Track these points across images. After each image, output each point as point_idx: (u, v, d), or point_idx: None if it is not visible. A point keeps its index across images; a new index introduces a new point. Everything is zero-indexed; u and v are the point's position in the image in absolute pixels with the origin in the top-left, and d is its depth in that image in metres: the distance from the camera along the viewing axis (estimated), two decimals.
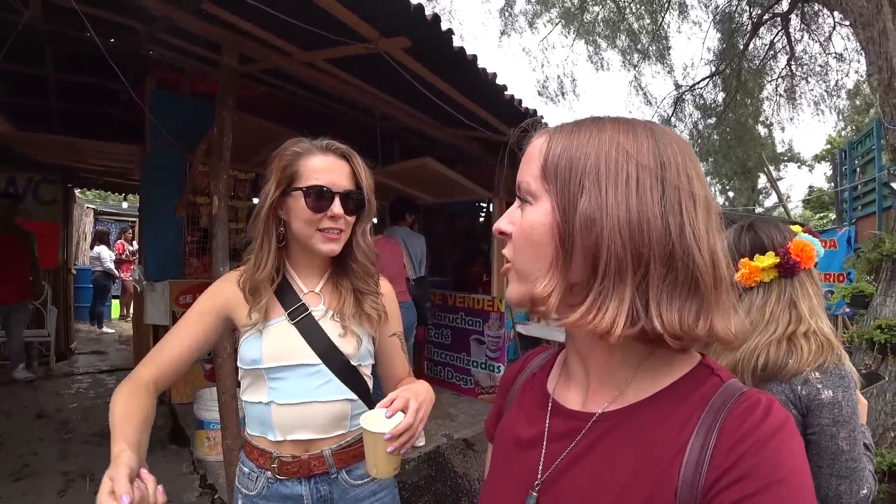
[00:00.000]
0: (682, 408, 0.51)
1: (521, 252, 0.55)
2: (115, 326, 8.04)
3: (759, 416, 0.46)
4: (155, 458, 3.22)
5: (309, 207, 1.05)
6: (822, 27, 7.39)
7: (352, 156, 1.11)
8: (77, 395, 4.50)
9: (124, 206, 10.42)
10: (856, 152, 6.07)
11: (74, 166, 5.77)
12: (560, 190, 0.50)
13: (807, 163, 18.26)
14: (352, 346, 1.11)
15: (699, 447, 0.47)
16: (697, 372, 0.54)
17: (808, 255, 1.15)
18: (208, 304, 1.11)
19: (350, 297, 1.14)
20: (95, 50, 2.57)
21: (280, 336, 1.08)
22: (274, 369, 1.07)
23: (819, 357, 1.07)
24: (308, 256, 1.13)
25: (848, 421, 1.03)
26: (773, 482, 0.43)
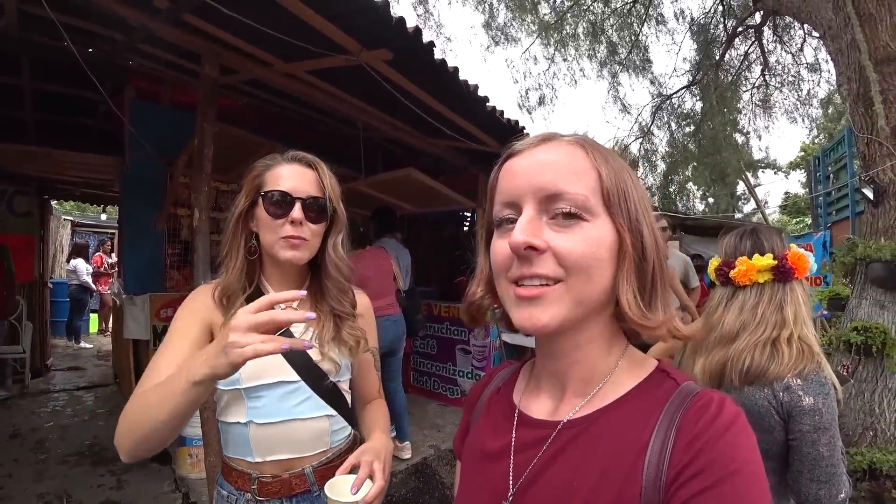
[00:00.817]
0: (642, 410, 0.54)
1: (588, 274, 0.52)
2: (94, 341, 7.84)
3: (712, 414, 0.50)
4: (134, 478, 3.14)
5: (268, 213, 1.04)
6: (793, 39, 7.63)
7: (318, 164, 1.09)
8: (53, 414, 4.37)
9: (103, 218, 10.21)
10: (829, 159, 6.25)
11: (51, 178, 5.64)
12: (625, 215, 0.54)
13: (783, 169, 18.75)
14: (330, 366, 1.09)
15: (659, 446, 0.50)
16: (654, 376, 0.58)
17: (804, 266, 1.19)
18: (190, 318, 1.07)
19: (329, 322, 1.11)
20: (73, 59, 2.53)
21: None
22: (253, 388, 1.05)
23: (799, 363, 1.09)
24: (282, 271, 1.11)
25: (828, 427, 1.05)
26: (728, 474, 0.46)
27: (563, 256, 0.52)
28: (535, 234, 0.52)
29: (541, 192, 0.53)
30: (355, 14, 2.03)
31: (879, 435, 3.30)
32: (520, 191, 0.55)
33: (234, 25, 2.24)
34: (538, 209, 0.54)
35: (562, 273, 0.52)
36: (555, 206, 0.53)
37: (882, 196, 3.79)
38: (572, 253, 0.52)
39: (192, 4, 2.16)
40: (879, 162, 3.82)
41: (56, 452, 3.50)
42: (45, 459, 3.39)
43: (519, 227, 0.52)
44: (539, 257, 0.52)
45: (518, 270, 0.53)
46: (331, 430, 1.11)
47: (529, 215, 0.53)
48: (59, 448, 3.58)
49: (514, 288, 0.54)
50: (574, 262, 0.52)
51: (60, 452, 3.50)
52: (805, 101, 8.19)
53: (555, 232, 0.53)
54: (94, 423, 4.13)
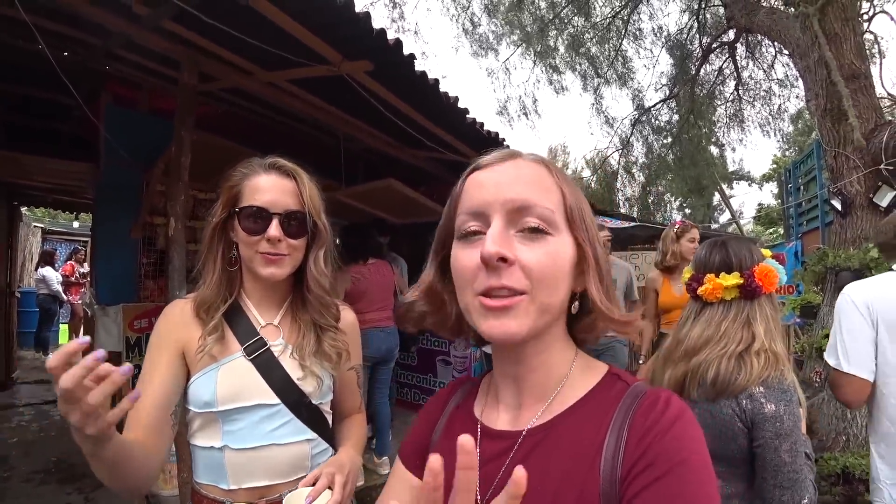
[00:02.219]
0: (597, 412, 0.57)
1: (550, 286, 0.55)
2: None
3: (660, 410, 0.53)
4: (103, 495, 3.03)
5: (244, 230, 1.00)
6: (765, 56, 7.91)
7: (298, 174, 1.05)
8: (18, 429, 4.21)
9: (75, 226, 9.94)
10: (799, 171, 6.46)
11: (20, 183, 5.47)
12: (582, 230, 0.58)
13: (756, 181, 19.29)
14: (312, 385, 1.05)
15: (614, 444, 0.53)
16: (606, 379, 0.61)
17: (771, 281, 1.20)
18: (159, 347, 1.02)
19: (310, 333, 1.07)
20: (47, 63, 2.47)
21: (236, 375, 1.00)
22: (229, 412, 0.99)
23: (763, 372, 1.11)
24: (262, 285, 1.07)
25: (789, 434, 1.07)
26: (675, 464, 0.49)
27: (529, 269, 0.54)
28: (506, 246, 0.53)
29: (510, 205, 0.55)
30: (336, 25, 2.03)
31: (852, 440, 3.38)
32: (488, 202, 0.56)
33: (214, 33, 2.22)
34: (506, 221, 0.55)
35: (528, 285, 0.54)
36: (523, 219, 0.55)
37: (849, 207, 3.93)
38: (538, 266, 0.54)
39: (172, 11, 2.13)
40: (847, 174, 3.96)
41: (21, 470, 3.37)
42: (7, 478, 3.26)
43: (491, 238, 0.53)
44: (508, 269, 0.53)
45: (486, 282, 0.54)
46: (311, 455, 1.06)
47: (499, 227, 0.54)
48: (24, 465, 3.44)
49: (482, 299, 0.55)
50: (540, 275, 0.54)
51: (25, 470, 3.37)
52: (776, 115, 8.49)
53: (522, 245, 0.54)
54: (62, 439, 3.97)
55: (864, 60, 4.15)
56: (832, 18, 4.11)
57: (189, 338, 1.02)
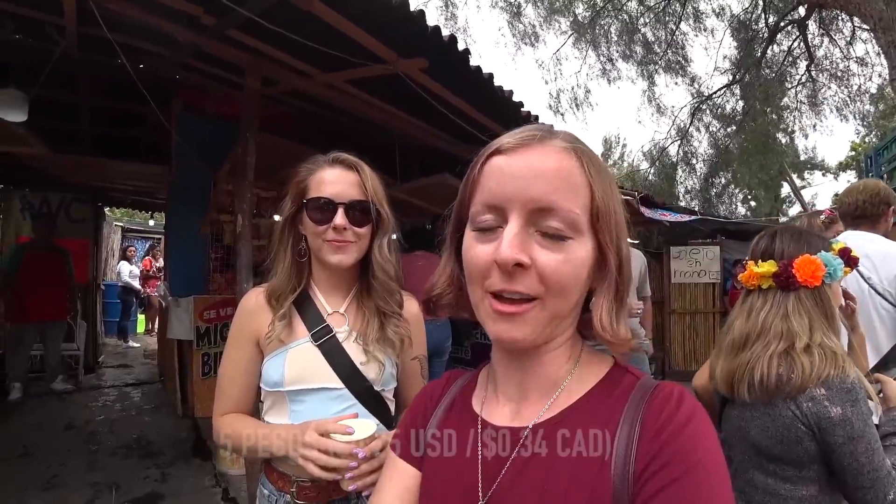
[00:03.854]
0: (605, 406, 0.55)
1: (563, 293, 0.52)
2: (141, 341, 8.24)
3: (673, 406, 0.51)
4: (178, 471, 3.28)
5: (311, 220, 1.06)
6: (841, 32, 7.29)
7: (360, 167, 1.10)
8: (104, 408, 4.62)
9: (151, 224, 10.72)
10: (882, 158, 5.92)
11: (104, 186, 6.00)
12: (610, 235, 0.54)
13: (831, 170, 17.85)
14: (374, 371, 1.10)
15: (625, 439, 0.51)
16: (614, 372, 0.59)
17: (812, 274, 1.12)
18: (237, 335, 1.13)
19: (374, 319, 1.12)
20: (125, 75, 2.69)
21: (303, 358, 1.08)
22: (295, 392, 1.07)
23: (822, 371, 1.05)
24: (330, 274, 1.13)
25: (862, 434, 1.02)
26: (692, 465, 0.47)
27: (545, 276, 0.50)
28: (523, 250, 0.50)
29: (531, 204, 0.51)
30: (392, 24, 2.08)
31: None
32: (507, 197, 0.52)
33: (275, 39, 2.33)
34: (526, 220, 0.51)
35: (542, 291, 0.51)
36: (545, 221, 0.51)
37: None
38: (556, 273, 0.51)
39: (237, 21, 2.25)
40: None
41: (106, 445, 3.70)
42: (96, 451, 3.59)
43: (507, 241, 0.50)
44: (523, 273, 0.50)
45: (499, 284, 0.51)
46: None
47: (517, 228, 0.51)
48: (109, 441, 3.78)
49: (492, 301, 0.52)
50: (556, 282, 0.51)
51: (110, 445, 3.69)
52: (855, 96, 7.80)
53: (541, 248, 0.51)
54: (141, 419, 4.34)
55: None
56: None
57: (262, 324, 1.10)
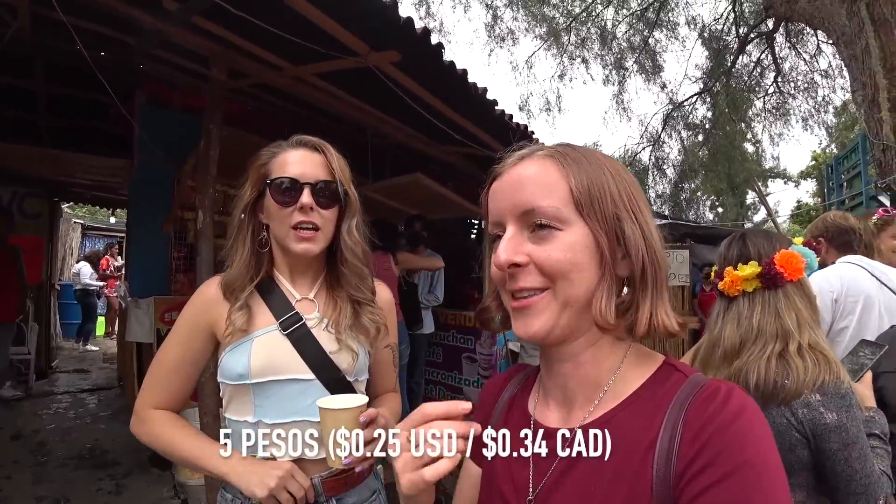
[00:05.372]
0: (650, 406, 0.55)
1: (566, 279, 0.54)
2: (100, 344, 7.87)
3: (719, 403, 0.49)
4: (134, 482, 3.11)
5: (276, 202, 1.00)
6: (806, 45, 7.57)
7: (325, 147, 1.06)
8: (56, 416, 4.37)
9: (112, 221, 10.31)
10: (842, 167, 6.16)
11: (61, 180, 5.69)
12: (599, 216, 0.55)
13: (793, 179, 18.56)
14: (347, 360, 1.04)
15: (668, 440, 0.50)
16: (662, 371, 0.58)
17: (795, 267, 1.12)
18: (190, 322, 1.05)
19: (347, 307, 1.07)
20: (85, 63, 2.53)
21: (270, 347, 1.01)
22: (262, 385, 0.99)
23: (817, 376, 1.04)
24: (295, 261, 1.07)
25: (856, 441, 1.01)
26: (738, 465, 0.45)
27: (542, 266, 0.55)
28: (516, 252, 0.55)
29: (517, 210, 0.56)
30: (363, 15, 2.01)
31: None
32: (502, 211, 0.58)
33: (243, 28, 2.23)
34: (518, 225, 0.57)
35: (545, 282, 0.55)
36: (531, 220, 0.56)
37: None
38: (549, 261, 0.54)
39: (202, 6, 2.15)
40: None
41: (56, 455, 3.48)
42: (45, 462, 3.37)
43: (501, 247, 0.56)
44: (523, 271, 0.55)
45: (510, 285, 0.57)
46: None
47: (510, 234, 0.56)
48: (60, 451, 3.55)
49: (511, 300, 0.58)
50: (553, 270, 0.54)
51: (61, 455, 3.47)
52: (819, 108, 8.10)
53: (534, 244, 0.56)
54: (96, 426, 4.11)
55: None
56: (881, 3, 3.89)
57: (220, 315, 1.03)
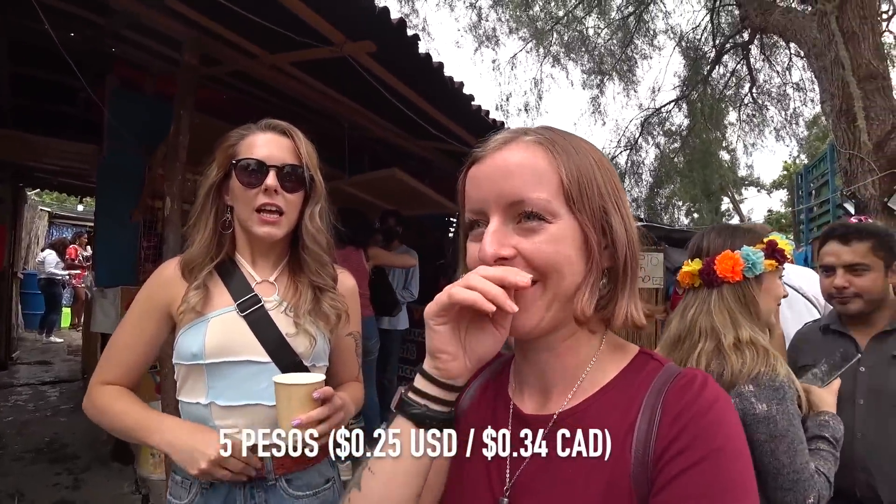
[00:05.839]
0: (628, 392, 0.55)
1: (559, 274, 0.53)
2: (65, 336, 7.62)
3: (696, 390, 0.51)
4: (93, 477, 3.02)
5: (241, 182, 1.01)
6: (780, 58, 7.78)
7: (294, 132, 1.06)
8: (14, 409, 4.22)
9: (80, 209, 9.98)
10: (811, 175, 6.35)
11: (27, 165, 5.48)
12: (591, 211, 0.54)
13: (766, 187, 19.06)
14: (304, 345, 1.03)
15: (646, 424, 0.51)
16: (638, 359, 0.59)
17: (732, 269, 1.14)
18: (147, 302, 1.05)
19: (308, 292, 1.07)
20: (54, 44, 2.44)
21: (226, 328, 1.00)
22: (216, 366, 0.99)
23: (753, 368, 1.05)
24: (257, 246, 1.07)
25: (785, 434, 1.02)
26: (712, 451, 0.47)
27: (531, 259, 0.53)
28: (503, 244, 0.53)
29: (503, 200, 0.54)
30: (339, 4, 1.99)
31: None
32: (485, 199, 0.55)
33: (217, 12, 2.18)
34: (504, 217, 0.54)
35: (534, 275, 0.53)
36: (518, 211, 0.54)
37: (863, 211, 3.83)
38: (539, 255, 0.53)
39: None
40: (861, 177, 3.87)
41: (12, 449, 3.36)
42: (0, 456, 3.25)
43: (486, 239, 0.53)
44: (510, 264, 0.53)
45: None
46: None
47: (495, 225, 0.54)
48: (16, 444, 3.44)
49: None
50: (543, 263, 0.53)
51: (17, 449, 3.36)
52: (790, 119, 8.34)
53: (520, 236, 0.54)
54: (56, 420, 3.98)
55: (883, 61, 4.06)
56: (850, 17, 4.02)
57: (177, 294, 1.02)
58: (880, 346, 1.48)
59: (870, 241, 1.48)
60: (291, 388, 0.87)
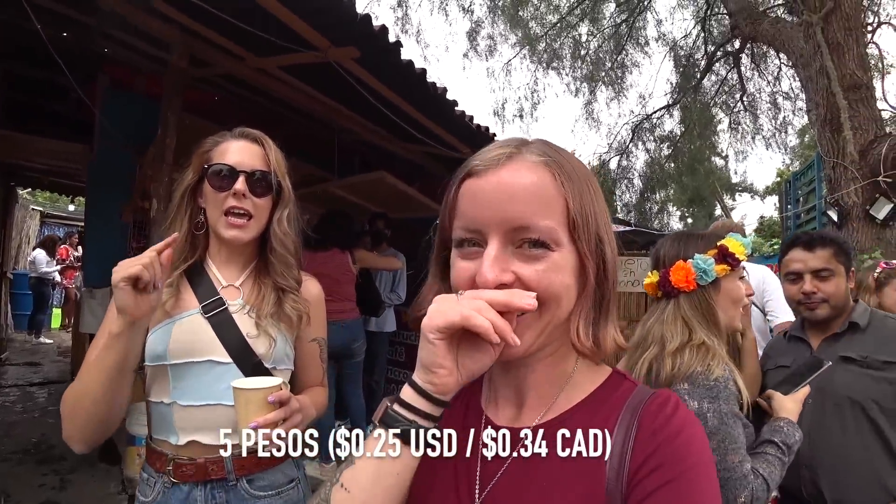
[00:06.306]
0: (603, 410, 0.57)
1: (557, 302, 0.53)
2: (55, 337, 7.58)
3: (669, 412, 0.53)
4: (80, 478, 3.02)
5: (213, 186, 1.05)
6: (770, 67, 7.87)
7: (264, 140, 1.12)
8: (1, 410, 4.20)
9: (71, 209, 9.95)
10: (800, 182, 6.41)
11: (18, 163, 5.48)
12: (588, 240, 0.54)
13: (759, 193, 19.18)
14: (264, 346, 1.06)
15: (621, 441, 0.52)
16: (612, 379, 0.61)
17: (686, 279, 1.15)
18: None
19: (271, 295, 1.11)
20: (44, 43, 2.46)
21: (190, 330, 1.04)
22: (179, 366, 1.02)
23: (690, 367, 1.07)
24: (227, 249, 1.11)
25: (715, 432, 1.03)
26: (685, 469, 0.50)
27: (531, 287, 0.52)
28: (504, 269, 0.52)
29: (507, 225, 0.52)
30: (322, 10, 2.02)
31: None
32: (484, 221, 0.53)
33: (205, 16, 2.21)
34: (504, 241, 0.52)
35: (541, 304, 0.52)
36: (522, 237, 0.52)
37: (846, 218, 3.89)
38: (540, 283, 0.52)
39: None
40: (844, 185, 3.93)
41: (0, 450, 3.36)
42: None
43: (486, 264, 0.51)
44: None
45: None
46: None
47: (495, 250, 0.52)
48: (3, 445, 3.43)
49: None
50: (544, 291, 0.52)
51: (3, 450, 3.36)
52: (780, 127, 8.43)
53: (521, 262, 0.52)
54: (44, 421, 3.97)
55: (867, 71, 4.13)
56: (835, 28, 4.09)
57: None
58: (831, 347, 1.52)
59: (832, 247, 1.52)
60: (248, 393, 0.90)
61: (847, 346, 1.50)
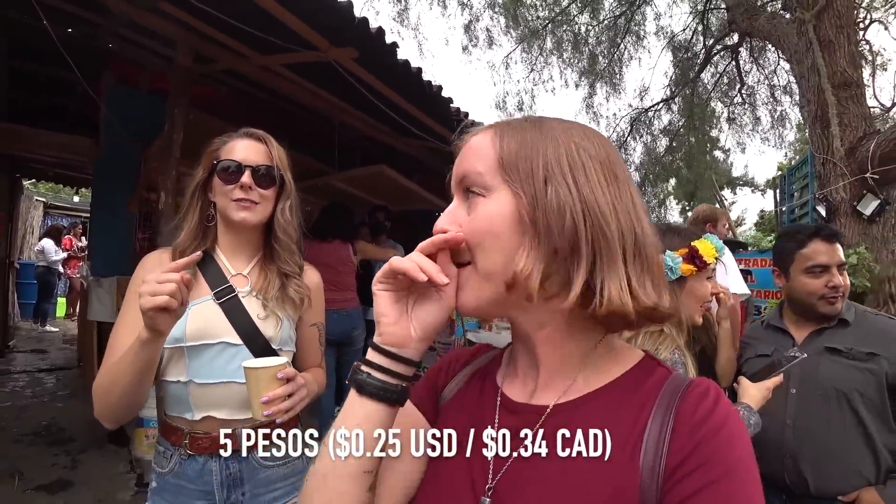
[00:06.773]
0: (635, 397, 0.53)
1: (484, 249, 0.52)
2: (60, 325, 7.72)
3: (710, 403, 0.49)
4: (90, 458, 3.14)
5: (221, 180, 1.16)
6: (767, 61, 7.90)
7: (268, 139, 1.23)
8: (12, 394, 4.33)
9: (75, 200, 10.04)
10: (794, 177, 6.47)
11: (23, 156, 5.57)
12: (524, 180, 0.51)
13: (760, 187, 19.19)
14: (272, 327, 1.17)
15: (657, 432, 0.49)
16: (645, 363, 0.57)
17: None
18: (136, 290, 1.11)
19: (276, 280, 1.22)
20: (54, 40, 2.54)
21: (204, 315, 1.14)
22: (195, 348, 1.12)
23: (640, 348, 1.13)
24: (235, 238, 1.22)
25: None
26: (731, 466, 0.46)
27: (465, 234, 0.53)
28: (451, 221, 0.54)
29: (455, 179, 0.57)
30: (321, 12, 2.10)
31: None
32: (450, 182, 0.59)
33: (209, 16, 2.29)
34: (460, 196, 0.56)
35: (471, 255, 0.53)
36: (464, 188, 0.55)
37: (833, 214, 3.97)
38: (469, 232, 0.53)
39: None
40: (833, 181, 4.01)
41: (11, 432, 3.47)
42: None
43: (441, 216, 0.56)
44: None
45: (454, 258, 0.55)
46: None
47: (453, 204, 0.56)
48: (15, 427, 3.55)
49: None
50: (473, 241, 0.52)
51: (16, 432, 3.47)
52: (777, 121, 8.46)
53: (466, 213, 0.54)
54: (53, 405, 4.10)
55: (858, 69, 4.17)
56: (827, 25, 4.13)
57: None
58: (816, 339, 1.58)
59: (841, 241, 1.57)
60: (258, 371, 1.01)
61: (831, 339, 1.54)
